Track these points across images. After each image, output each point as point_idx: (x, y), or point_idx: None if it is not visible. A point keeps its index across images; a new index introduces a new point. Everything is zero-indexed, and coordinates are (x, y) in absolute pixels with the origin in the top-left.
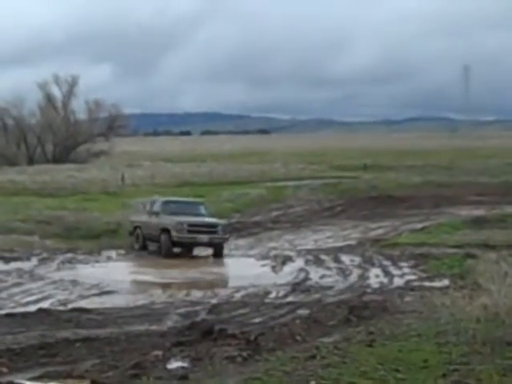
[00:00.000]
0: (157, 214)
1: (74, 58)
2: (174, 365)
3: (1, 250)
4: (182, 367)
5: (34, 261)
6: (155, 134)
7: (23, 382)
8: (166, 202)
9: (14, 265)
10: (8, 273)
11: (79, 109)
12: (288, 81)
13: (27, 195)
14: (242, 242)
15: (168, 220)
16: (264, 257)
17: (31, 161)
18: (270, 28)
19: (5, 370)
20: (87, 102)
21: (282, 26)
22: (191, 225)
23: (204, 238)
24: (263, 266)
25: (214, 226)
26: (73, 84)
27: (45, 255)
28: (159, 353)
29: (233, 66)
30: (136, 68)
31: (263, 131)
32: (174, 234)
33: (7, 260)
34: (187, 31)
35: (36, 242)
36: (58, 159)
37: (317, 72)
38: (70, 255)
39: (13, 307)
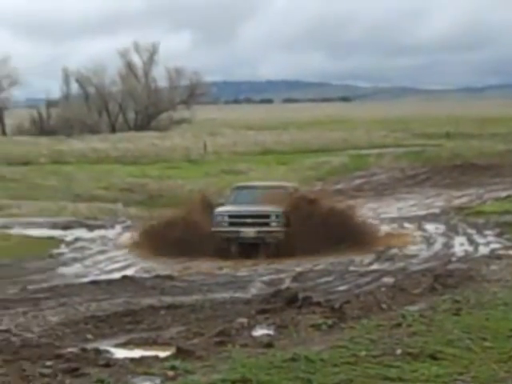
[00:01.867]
0: (222, 203)
1: (154, 25)
2: (259, 332)
3: (85, 217)
4: (267, 335)
5: (118, 228)
6: (236, 101)
7: (109, 348)
8: (237, 189)
9: (98, 232)
10: (92, 240)
11: (160, 76)
12: (368, 48)
13: (109, 163)
14: None
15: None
16: None
17: (113, 129)
18: None
19: (90, 336)
20: (168, 70)
21: None
22: (233, 215)
23: (249, 231)
24: None
25: (264, 215)
26: (153, 52)
27: (128, 223)
28: (244, 320)
29: (312, 33)
30: (216, 36)
31: (344, 99)
32: (212, 227)
33: (91, 228)
34: None
35: (119, 209)
36: (139, 127)
37: (396, 39)
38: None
39: (97, 274)
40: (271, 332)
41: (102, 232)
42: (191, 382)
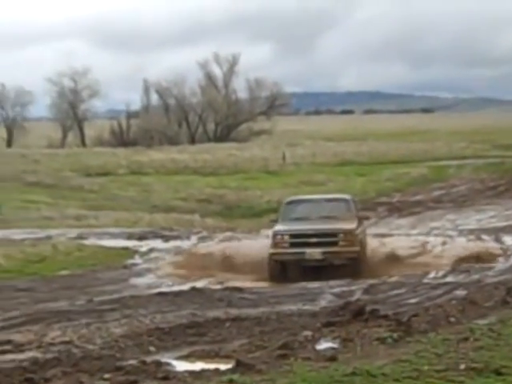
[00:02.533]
0: (275, 220)
1: (233, 37)
2: (323, 345)
3: (161, 228)
4: (331, 348)
5: (194, 239)
6: (317, 112)
7: (170, 361)
8: (289, 203)
9: (173, 243)
10: (167, 251)
11: (240, 87)
12: (449, 58)
13: (188, 174)
14: (403, 221)
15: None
16: (425, 236)
17: (193, 140)
18: (428, 6)
19: (153, 348)
20: (248, 81)
21: (440, 3)
22: (295, 235)
23: (315, 253)
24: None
25: (331, 234)
26: (233, 63)
27: (204, 234)
28: (309, 333)
29: (393, 44)
30: (296, 47)
31: (426, 110)
32: (270, 249)
33: (167, 238)
34: (346, 10)
35: (196, 220)
36: (219, 138)
37: (478, 49)
38: (229, 234)
39: (170, 285)
40: (335, 345)
41: (177, 243)
42: None
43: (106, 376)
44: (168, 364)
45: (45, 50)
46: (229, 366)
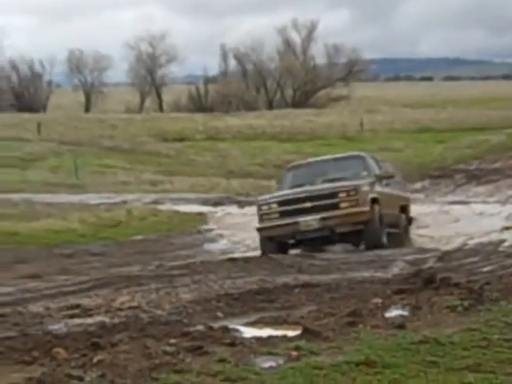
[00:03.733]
0: (278, 189)
1: (312, 2)
2: (392, 313)
3: (237, 194)
4: (401, 316)
5: None
6: (396, 79)
7: (237, 327)
8: (291, 169)
9: (248, 209)
10: (242, 216)
11: (318, 53)
12: None
13: (265, 140)
14: (481, 189)
15: None
16: (503, 204)
17: (270, 105)
18: None
19: (221, 314)
20: (326, 47)
21: None
22: (284, 201)
23: (311, 221)
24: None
25: (329, 195)
26: (312, 29)
27: None
28: (379, 300)
29: (474, 9)
30: (375, 13)
31: (507, 76)
32: (257, 224)
33: (242, 204)
34: None
35: (273, 186)
36: (297, 104)
37: None
38: None
39: (244, 251)
40: (405, 313)
41: (252, 209)
42: (314, 363)
43: (172, 341)
44: (235, 330)
45: (123, 16)
46: (296, 332)
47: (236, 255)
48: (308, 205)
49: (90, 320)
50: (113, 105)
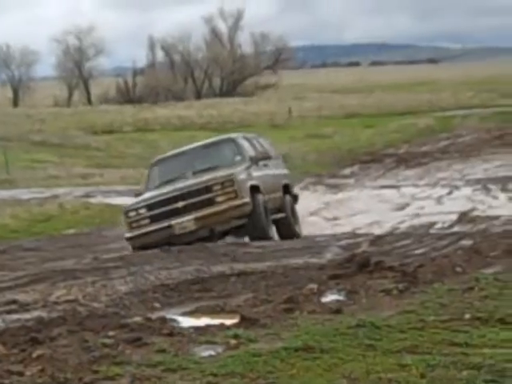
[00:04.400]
0: (140, 194)
1: None
2: (328, 298)
3: None
4: (337, 300)
5: None
6: (323, 65)
7: (175, 317)
8: (156, 164)
9: None
10: None
11: (245, 42)
12: (456, 9)
13: (194, 130)
14: (410, 172)
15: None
16: (432, 187)
17: (199, 95)
18: None
19: (158, 305)
20: (253, 36)
21: None
22: (153, 204)
23: (185, 223)
24: (429, 196)
25: (202, 190)
26: (238, 17)
27: None
28: (314, 286)
29: None
30: (301, 0)
31: (432, 60)
32: (126, 234)
33: None
34: None
35: None
36: (225, 93)
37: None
38: None
39: None
40: (341, 298)
41: None
42: (253, 350)
43: (111, 333)
44: (173, 320)
45: (49, 9)
46: (234, 321)
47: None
48: (180, 204)
49: (27, 315)
50: (41, 99)
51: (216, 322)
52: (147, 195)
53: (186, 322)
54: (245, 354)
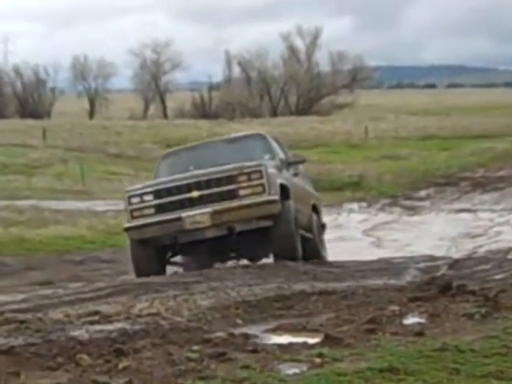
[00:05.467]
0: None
1: (316, 10)
2: (410, 320)
3: None
4: (419, 323)
5: None
6: (399, 86)
7: (257, 333)
8: (168, 156)
9: None
10: None
11: (322, 60)
12: None
13: None
14: (486, 196)
15: None
16: (509, 212)
17: (275, 113)
18: None
19: (240, 321)
20: (330, 54)
21: None
22: (162, 190)
23: (199, 216)
24: (506, 222)
25: (224, 179)
26: (316, 35)
27: None
28: (396, 308)
29: (478, 17)
30: (379, 20)
31: (510, 84)
32: (126, 223)
33: None
34: None
35: None
36: (301, 111)
37: None
38: None
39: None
40: (423, 320)
41: None
42: (338, 369)
43: (195, 348)
44: (256, 337)
45: (127, 22)
46: (317, 339)
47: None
48: (195, 194)
49: (110, 326)
50: (117, 111)
51: (299, 340)
52: (156, 181)
53: (269, 339)
54: (330, 373)
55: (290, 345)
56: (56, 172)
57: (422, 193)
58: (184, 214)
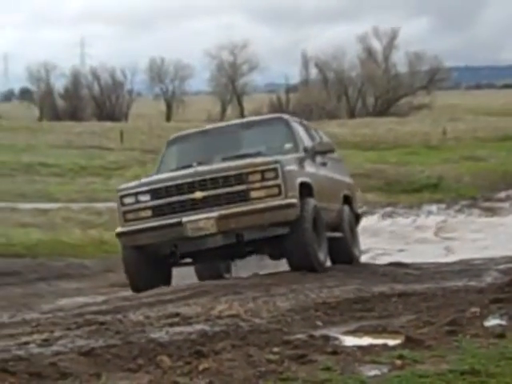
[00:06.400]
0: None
1: (393, 11)
2: (491, 322)
3: None
4: (500, 325)
5: None
6: (477, 86)
7: (337, 335)
8: (174, 142)
9: None
10: None
11: (399, 61)
12: None
13: (347, 148)
14: None
15: None
16: None
17: (352, 114)
18: None
19: (320, 323)
20: (407, 55)
21: None
22: (160, 189)
23: (203, 221)
24: None
25: (232, 177)
26: (393, 37)
27: (365, 209)
28: (476, 309)
29: None
30: (456, 20)
31: None
32: (118, 228)
33: None
34: None
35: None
36: (378, 112)
37: None
38: (389, 209)
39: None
40: (504, 322)
41: None
42: (418, 371)
43: (275, 350)
44: (336, 339)
45: (204, 24)
46: (397, 341)
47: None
48: (198, 195)
49: (190, 328)
50: (194, 114)
51: (379, 341)
52: (154, 178)
53: (349, 340)
54: (411, 375)
55: (371, 346)
56: (134, 174)
57: (502, 194)
58: (185, 218)
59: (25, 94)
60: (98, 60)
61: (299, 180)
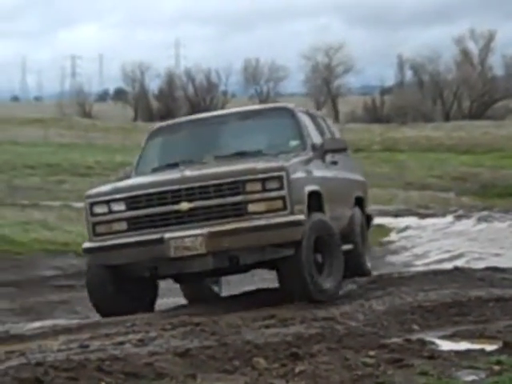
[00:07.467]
0: (123, 178)
1: (490, 13)
2: None
3: (416, 205)
4: None
5: (450, 218)
6: None
7: (434, 340)
8: (161, 132)
9: (429, 221)
10: (423, 229)
11: (496, 64)
12: None
13: (442, 151)
14: None
15: None
16: None
17: (447, 117)
18: None
19: (416, 327)
20: (504, 58)
21: None
22: (138, 197)
23: (189, 239)
24: None
25: (226, 185)
26: (489, 39)
27: (460, 212)
28: None
29: None
30: None
31: None
32: (86, 242)
33: (422, 216)
34: None
35: (451, 198)
36: (474, 115)
37: None
38: (485, 213)
39: (426, 264)
40: None
41: (433, 220)
42: None
43: (371, 353)
44: (432, 343)
45: (300, 26)
46: (495, 346)
47: (421, 268)
48: (185, 206)
49: (285, 330)
50: None
51: (476, 346)
52: (131, 181)
53: (446, 345)
54: (509, 381)
55: (468, 351)
56: None
57: None
58: (168, 234)
59: (119, 94)
60: (193, 61)
61: (308, 189)
